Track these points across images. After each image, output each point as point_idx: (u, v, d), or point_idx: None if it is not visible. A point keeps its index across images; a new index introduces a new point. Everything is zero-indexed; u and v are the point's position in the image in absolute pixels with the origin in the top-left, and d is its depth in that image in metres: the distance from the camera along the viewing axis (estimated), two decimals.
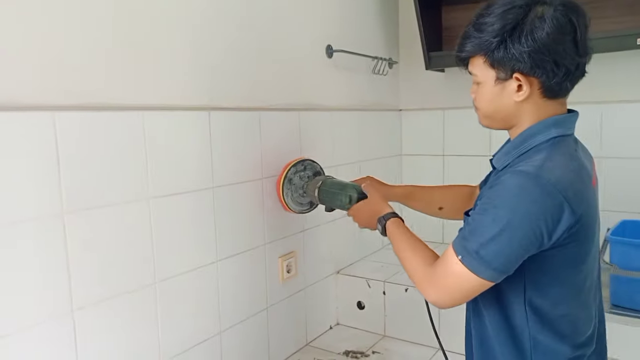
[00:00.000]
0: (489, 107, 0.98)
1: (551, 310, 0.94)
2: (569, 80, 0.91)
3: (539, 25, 0.87)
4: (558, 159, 0.89)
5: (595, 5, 1.89)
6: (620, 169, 1.96)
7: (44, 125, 0.99)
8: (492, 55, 0.91)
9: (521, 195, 0.86)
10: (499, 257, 0.87)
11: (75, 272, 1.06)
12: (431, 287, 0.95)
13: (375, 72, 2.15)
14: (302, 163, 1.58)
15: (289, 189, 1.56)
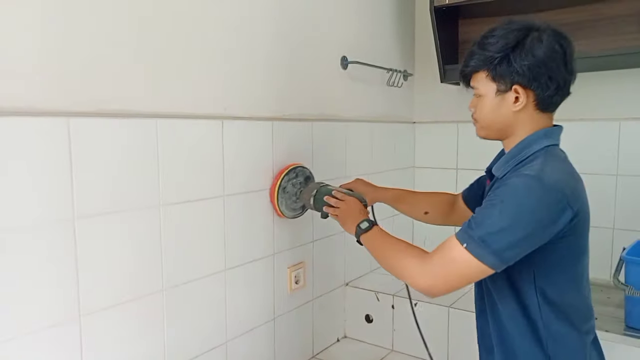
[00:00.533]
0: (488, 118, 1.10)
1: (560, 299, 1.04)
2: (558, 94, 1.05)
3: (537, 44, 1.01)
4: (553, 163, 1.01)
5: (616, 21, 1.87)
6: (637, 187, 1.92)
7: (57, 131, 1.00)
8: (494, 69, 1.04)
9: (527, 193, 0.96)
10: (504, 245, 0.95)
11: (83, 278, 1.06)
12: (427, 275, 1.02)
13: (389, 84, 2.15)
14: (293, 170, 1.56)
15: (283, 197, 1.54)
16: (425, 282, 1.01)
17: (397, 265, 1.09)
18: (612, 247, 1.97)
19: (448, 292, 1.01)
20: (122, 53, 1.12)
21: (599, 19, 1.92)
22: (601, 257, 1.98)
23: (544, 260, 1.02)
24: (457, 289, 1.01)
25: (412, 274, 1.04)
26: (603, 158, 1.98)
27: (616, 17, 1.88)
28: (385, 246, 1.16)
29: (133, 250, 1.16)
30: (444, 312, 1.75)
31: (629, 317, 1.57)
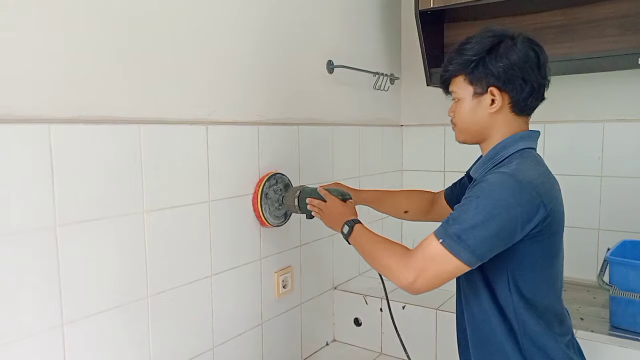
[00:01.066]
0: (465, 121, 1.14)
1: (534, 299, 1.06)
2: (533, 97, 1.09)
3: (511, 49, 1.06)
4: (528, 164, 1.05)
5: (596, 24, 1.90)
6: (621, 188, 1.95)
7: (39, 138, 0.99)
8: (471, 72, 1.09)
9: (502, 189, 0.99)
10: (479, 241, 0.97)
11: (66, 286, 1.05)
12: (407, 271, 1.03)
13: (376, 87, 2.16)
14: (273, 177, 1.56)
15: (266, 203, 1.54)
16: (406, 278, 1.02)
17: (380, 262, 1.11)
18: (597, 248, 1.99)
19: (428, 288, 1.03)
20: (105, 59, 1.12)
21: (580, 22, 1.95)
22: (587, 258, 2.00)
23: (517, 260, 1.04)
24: (436, 285, 1.02)
25: (394, 270, 1.06)
26: (587, 159, 2.01)
27: (597, 20, 1.90)
28: (369, 245, 1.17)
29: (117, 257, 1.15)
30: (432, 314, 1.76)
31: (613, 317, 1.58)
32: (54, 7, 1.02)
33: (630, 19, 1.84)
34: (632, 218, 1.92)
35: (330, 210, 1.34)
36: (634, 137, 1.92)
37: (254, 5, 1.52)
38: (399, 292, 1.91)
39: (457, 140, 1.19)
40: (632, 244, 1.71)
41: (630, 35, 1.84)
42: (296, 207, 1.48)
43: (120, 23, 1.15)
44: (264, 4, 1.56)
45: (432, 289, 1.02)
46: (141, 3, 1.19)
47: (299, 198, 1.47)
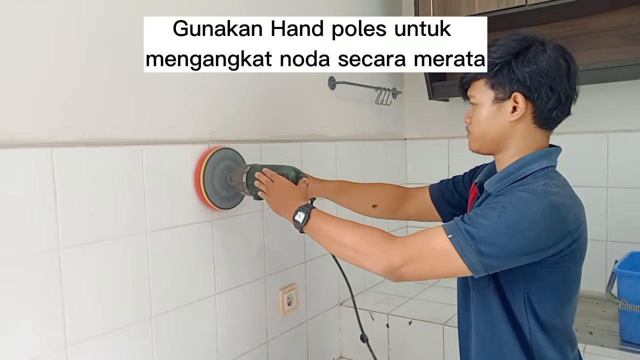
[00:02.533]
0: (482, 127, 1.05)
1: (550, 323, 1.01)
2: (559, 109, 1.01)
3: (540, 54, 0.98)
4: (557, 186, 0.97)
5: (599, 35, 1.90)
6: (627, 198, 1.93)
7: (41, 162, 1.00)
8: (494, 76, 1.01)
9: (532, 206, 0.91)
10: (491, 250, 0.90)
11: (69, 308, 1.05)
12: (392, 254, 0.95)
13: (378, 102, 2.16)
14: (220, 152, 1.36)
15: (211, 183, 1.33)
16: (393, 260, 0.94)
17: (353, 246, 1.01)
18: (605, 260, 1.96)
19: (414, 278, 0.96)
20: (105, 82, 1.13)
21: (582, 33, 1.95)
22: (595, 270, 1.97)
23: (536, 283, 0.99)
24: (424, 278, 0.97)
25: (372, 253, 0.98)
26: (593, 170, 1.99)
27: (600, 31, 1.90)
28: (335, 230, 1.05)
29: (120, 278, 1.16)
30: (439, 329, 1.74)
31: (623, 331, 1.56)
32: (54, 34, 1.04)
33: (633, 29, 1.83)
34: (639, 229, 1.89)
35: (277, 191, 1.20)
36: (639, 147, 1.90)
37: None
38: (405, 307, 1.90)
39: (470, 148, 1.10)
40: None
41: (633, 46, 1.83)
42: (244, 184, 1.30)
43: (119, 46, 1.16)
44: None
45: (417, 281, 0.95)
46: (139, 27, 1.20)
47: (248, 175, 1.30)
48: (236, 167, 1.38)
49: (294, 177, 1.26)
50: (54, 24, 1.03)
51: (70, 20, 1.06)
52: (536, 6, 1.78)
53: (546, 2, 1.76)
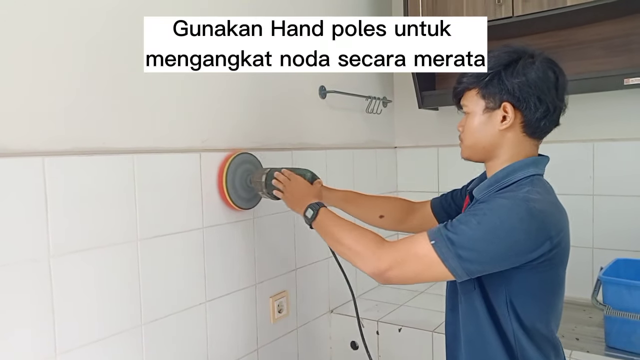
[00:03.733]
0: (473, 136, 1.09)
1: (533, 328, 1.03)
2: (547, 119, 1.04)
3: (529, 66, 1.02)
4: (540, 192, 1.00)
5: (582, 46, 1.94)
6: (612, 206, 1.96)
7: (33, 171, 1.01)
8: (485, 86, 1.05)
9: (510, 213, 0.95)
10: (471, 255, 0.94)
11: (60, 316, 1.06)
12: (381, 257, 1.01)
13: (369, 111, 2.19)
14: (240, 156, 1.47)
15: (233, 185, 1.44)
16: (381, 264, 1.00)
17: (348, 246, 1.08)
18: (592, 267, 1.99)
19: (400, 282, 1.03)
20: (97, 91, 1.15)
21: (568, 44, 1.99)
22: (581, 277, 2.00)
23: (517, 287, 1.01)
24: (410, 281, 1.02)
25: (363, 254, 1.04)
26: (579, 179, 2.02)
27: (584, 42, 1.95)
28: (336, 228, 1.14)
29: (111, 286, 1.16)
30: (428, 336, 1.76)
31: (608, 337, 1.58)
32: (48, 45, 1.05)
33: (615, 41, 1.88)
34: (625, 236, 1.93)
35: (293, 189, 1.30)
36: (624, 156, 1.94)
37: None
38: (395, 314, 1.91)
39: (462, 156, 1.14)
40: (625, 263, 1.72)
41: (615, 57, 1.88)
42: (263, 186, 1.40)
43: (111, 56, 1.18)
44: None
45: (403, 284, 0.99)
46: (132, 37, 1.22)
47: (267, 176, 1.40)
48: (255, 170, 1.48)
49: (310, 178, 1.35)
50: (47, 35, 1.05)
51: (64, 32, 1.08)
52: (523, 17, 1.82)
53: (532, 14, 1.80)
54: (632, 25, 1.84)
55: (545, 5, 1.77)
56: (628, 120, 1.93)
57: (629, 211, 1.93)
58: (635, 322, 1.49)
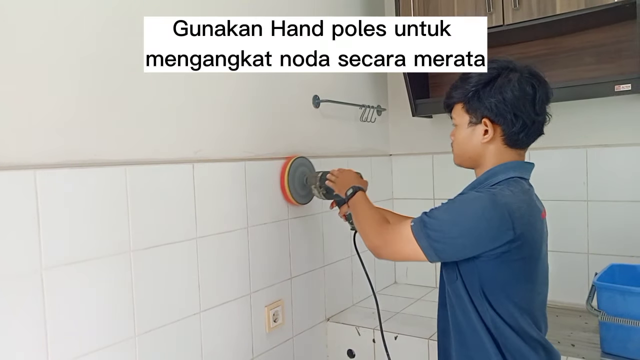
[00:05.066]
0: (460, 147, 1.20)
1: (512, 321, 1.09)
2: (524, 132, 1.12)
3: (506, 85, 1.10)
4: (512, 190, 1.08)
5: (573, 54, 1.96)
6: (607, 212, 1.97)
7: (24, 184, 1.02)
8: (468, 102, 1.15)
9: (474, 202, 1.06)
10: (439, 236, 1.06)
11: (52, 328, 1.06)
12: (377, 236, 1.19)
13: (363, 119, 2.20)
14: (297, 160, 1.76)
15: (293, 183, 1.72)
16: (373, 241, 1.19)
17: (361, 224, 1.27)
18: (587, 272, 1.99)
19: (390, 258, 1.18)
20: (88, 104, 1.15)
21: (560, 51, 2.00)
22: (577, 282, 2.00)
23: (488, 278, 1.08)
24: (397, 259, 1.18)
25: (367, 233, 1.22)
26: (573, 185, 2.03)
27: (576, 49, 1.96)
28: (361, 209, 1.32)
29: (104, 298, 1.17)
30: (424, 344, 1.76)
31: (604, 343, 1.58)
32: (39, 58, 1.06)
33: (605, 48, 1.89)
34: (619, 241, 1.93)
35: (345, 176, 1.53)
36: (616, 161, 1.95)
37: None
38: (391, 322, 1.92)
39: (454, 162, 1.25)
40: (620, 268, 1.72)
41: (606, 64, 1.89)
42: (318, 184, 1.68)
43: (102, 70, 1.19)
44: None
45: (393, 260, 1.17)
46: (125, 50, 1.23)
47: (323, 173, 1.67)
48: (311, 172, 1.79)
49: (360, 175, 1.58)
50: (39, 49, 1.06)
51: (56, 45, 1.09)
52: (513, 26, 1.84)
53: (523, 22, 1.82)
54: (622, 33, 1.85)
55: (536, 13, 1.78)
56: (620, 126, 1.94)
57: (623, 216, 1.93)
58: (630, 327, 1.49)
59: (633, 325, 1.47)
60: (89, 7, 1.15)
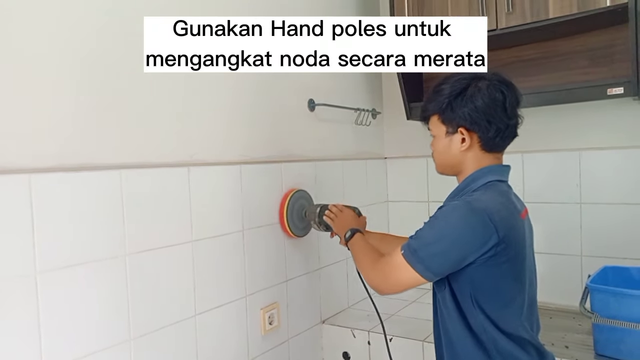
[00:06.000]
0: (440, 156, 1.24)
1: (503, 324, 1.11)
2: (499, 136, 1.16)
3: (477, 94, 1.15)
4: (489, 194, 1.13)
5: (566, 57, 1.97)
6: (600, 214, 1.98)
7: (19, 188, 1.02)
8: (443, 113, 1.19)
9: (453, 213, 1.10)
10: (430, 256, 1.09)
11: (46, 331, 1.06)
12: (376, 275, 1.21)
13: (358, 122, 2.21)
14: (297, 193, 1.76)
15: (292, 217, 1.73)
16: (374, 280, 1.21)
17: (361, 266, 1.29)
18: (581, 274, 2.01)
19: (393, 291, 1.18)
20: (83, 108, 1.16)
21: (552, 55, 2.02)
22: (570, 284, 2.02)
23: (477, 282, 1.11)
24: (400, 290, 1.16)
25: (368, 273, 1.24)
26: (566, 187, 2.05)
27: (568, 53, 1.97)
28: (359, 250, 1.34)
29: (98, 301, 1.17)
30: (419, 346, 1.76)
31: (597, 345, 1.59)
32: (34, 62, 1.06)
33: (598, 52, 1.91)
34: (612, 244, 1.95)
35: (344, 217, 1.56)
36: (609, 164, 1.96)
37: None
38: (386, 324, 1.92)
39: (436, 171, 1.29)
40: (613, 270, 1.73)
41: (599, 67, 1.90)
42: (316, 219, 1.67)
43: (96, 72, 1.19)
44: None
45: (397, 293, 1.17)
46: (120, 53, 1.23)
47: (321, 208, 1.66)
48: (309, 205, 1.80)
49: (358, 212, 1.60)
50: (34, 54, 1.06)
51: (51, 50, 1.09)
52: (507, 30, 1.85)
53: (517, 26, 1.83)
54: (614, 37, 1.87)
55: (529, 17, 1.79)
56: (612, 129, 1.95)
57: (616, 219, 1.95)
58: (623, 329, 1.50)
59: (626, 327, 1.48)
60: (87, 9, 1.16)
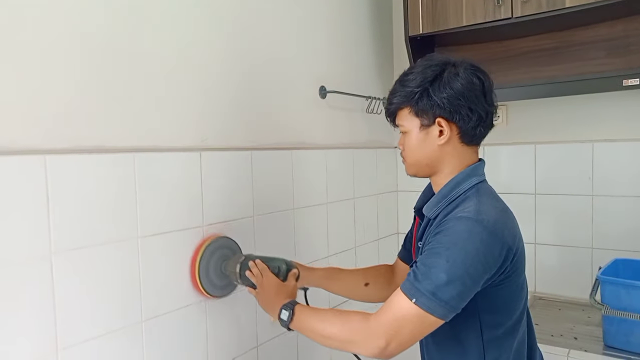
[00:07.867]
0: (415, 154, 1.11)
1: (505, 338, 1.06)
2: (481, 126, 1.07)
3: (454, 78, 1.05)
4: (487, 202, 1.03)
5: (582, 47, 1.95)
6: (612, 207, 1.97)
7: (34, 169, 1.02)
8: (416, 104, 1.07)
9: (470, 237, 0.96)
10: (454, 295, 0.94)
11: (61, 311, 1.07)
12: (376, 337, 0.97)
13: (369, 111, 2.20)
14: (217, 241, 1.39)
15: (205, 271, 1.36)
16: (377, 345, 0.96)
17: (339, 339, 1.02)
18: (591, 267, 2.00)
19: (402, 350, 0.98)
20: (99, 92, 1.16)
21: (568, 45, 1.99)
22: (581, 277, 2.01)
23: (490, 299, 1.03)
24: (410, 345, 0.98)
25: (359, 342, 0.99)
26: (579, 179, 2.03)
27: (584, 43, 1.95)
28: (318, 324, 1.07)
29: (111, 283, 1.18)
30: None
31: (606, 336, 1.59)
32: (48, 43, 1.06)
33: (614, 42, 1.88)
34: (623, 236, 1.94)
35: (265, 288, 1.22)
36: (623, 157, 1.94)
37: (246, 34, 1.57)
38: None
39: (408, 174, 1.16)
40: (624, 263, 1.73)
41: (615, 58, 1.88)
42: (237, 274, 1.32)
43: (111, 56, 1.19)
44: (257, 31, 1.61)
45: (406, 349, 0.98)
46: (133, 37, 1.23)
47: (242, 265, 1.31)
48: (231, 256, 1.40)
49: (284, 271, 1.29)
50: (47, 33, 1.06)
51: (64, 30, 1.09)
52: (522, 19, 1.83)
53: (532, 15, 1.81)
54: (631, 27, 1.84)
55: (545, 6, 1.77)
56: (627, 120, 1.93)
57: (628, 211, 1.93)
58: (633, 321, 1.50)
59: (636, 319, 1.48)
60: None
